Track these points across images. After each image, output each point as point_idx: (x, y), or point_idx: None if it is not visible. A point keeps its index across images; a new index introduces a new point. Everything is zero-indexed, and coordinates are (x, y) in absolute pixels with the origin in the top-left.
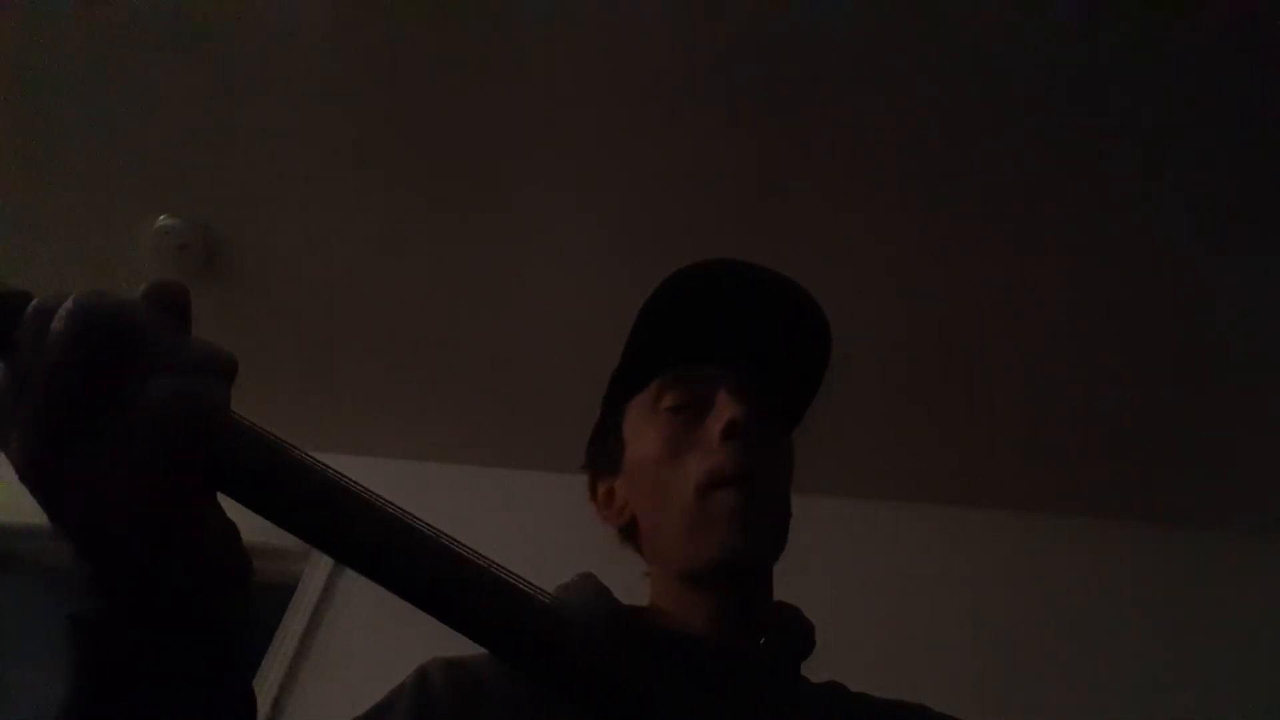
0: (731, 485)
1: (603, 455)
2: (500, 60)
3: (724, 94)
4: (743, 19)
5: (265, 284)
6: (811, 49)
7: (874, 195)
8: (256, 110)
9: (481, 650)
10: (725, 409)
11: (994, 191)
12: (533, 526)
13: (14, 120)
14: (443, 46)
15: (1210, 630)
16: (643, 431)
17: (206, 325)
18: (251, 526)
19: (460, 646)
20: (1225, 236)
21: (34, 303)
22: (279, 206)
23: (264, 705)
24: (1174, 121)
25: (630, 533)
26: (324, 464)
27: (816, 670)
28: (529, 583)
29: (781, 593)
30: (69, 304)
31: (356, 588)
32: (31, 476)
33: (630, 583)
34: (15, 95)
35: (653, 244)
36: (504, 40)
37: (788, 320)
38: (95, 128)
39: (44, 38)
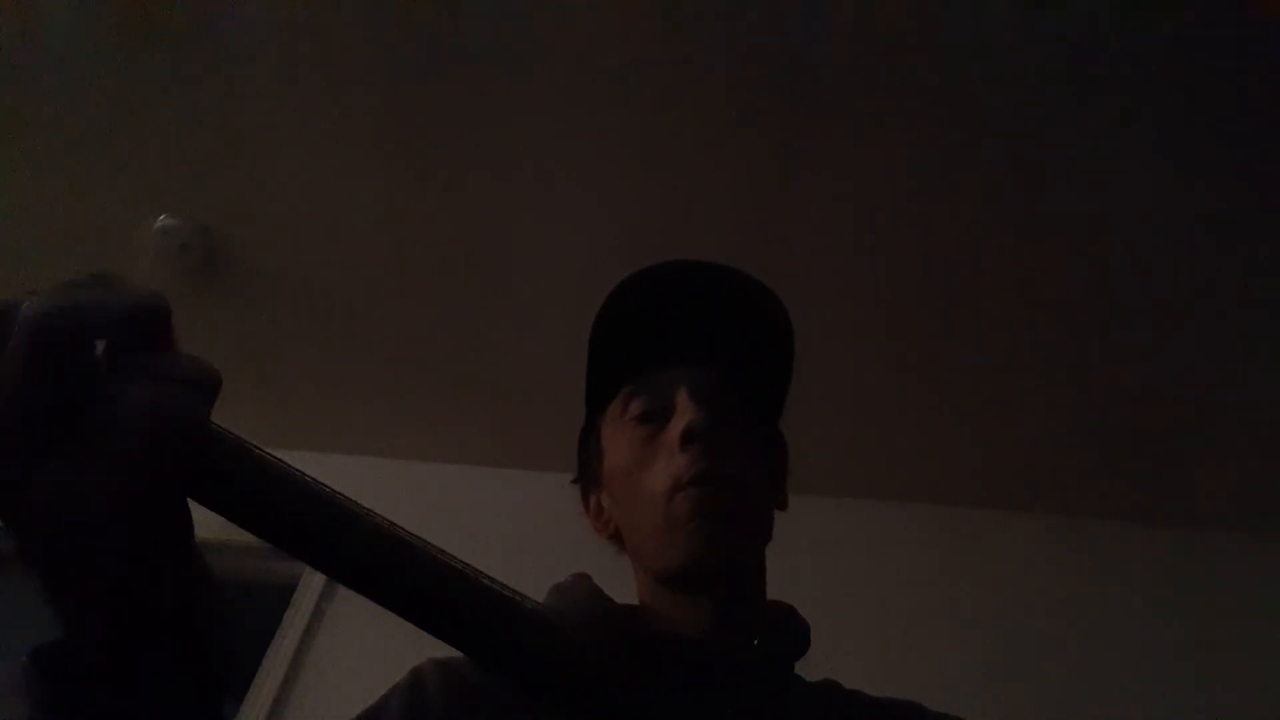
0: (693, 488)
1: (588, 468)
2: (505, 60)
3: (730, 90)
4: (748, 13)
5: (266, 283)
6: (815, 45)
7: (878, 194)
8: (256, 110)
9: None
10: (684, 414)
11: (998, 192)
12: (532, 526)
13: (14, 120)
14: (445, 45)
15: (1211, 630)
16: (616, 442)
17: (206, 325)
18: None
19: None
20: (1229, 236)
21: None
22: (279, 206)
23: (264, 705)
24: (1177, 122)
25: (619, 542)
26: (307, 475)
27: (815, 669)
28: (516, 590)
29: (780, 592)
30: (42, 307)
31: None
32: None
33: (626, 582)
34: (15, 95)
35: (657, 244)
36: (509, 38)
37: (741, 315)
38: (95, 128)
39: (44, 38)
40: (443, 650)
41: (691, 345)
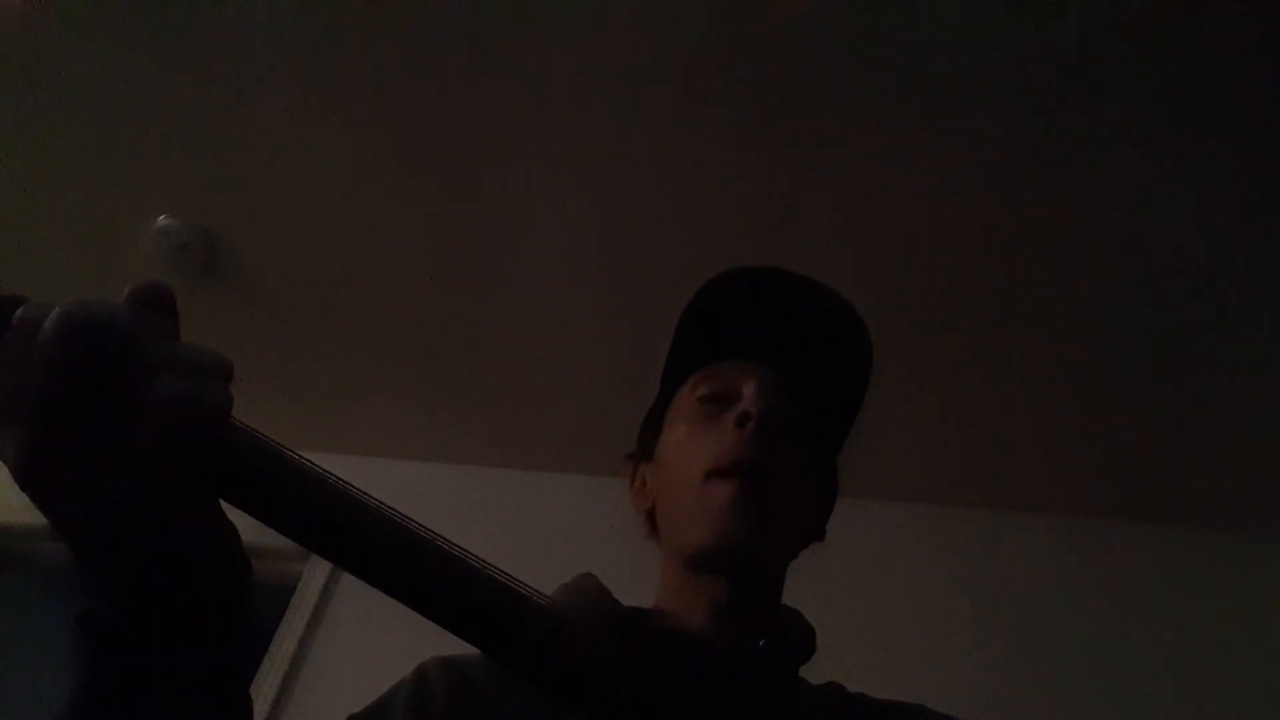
0: (736, 475)
1: (644, 442)
2: (505, 63)
3: (730, 97)
4: (753, 26)
5: (265, 284)
6: (821, 56)
7: (875, 199)
8: (256, 110)
9: None
10: (746, 401)
11: (996, 197)
12: (533, 526)
13: (14, 120)
14: (445, 49)
15: (1209, 630)
16: (676, 417)
17: (206, 325)
18: (250, 526)
19: (461, 646)
20: (1226, 235)
21: (20, 311)
22: (279, 206)
23: (264, 705)
24: (1177, 120)
25: (652, 522)
26: (321, 467)
27: (816, 668)
28: (526, 585)
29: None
30: (56, 312)
31: (357, 588)
32: (29, 483)
33: (631, 583)
34: (15, 95)
35: (654, 246)
36: (510, 42)
37: (825, 328)
38: (95, 128)
39: (44, 37)
40: (441, 649)
41: (772, 349)
